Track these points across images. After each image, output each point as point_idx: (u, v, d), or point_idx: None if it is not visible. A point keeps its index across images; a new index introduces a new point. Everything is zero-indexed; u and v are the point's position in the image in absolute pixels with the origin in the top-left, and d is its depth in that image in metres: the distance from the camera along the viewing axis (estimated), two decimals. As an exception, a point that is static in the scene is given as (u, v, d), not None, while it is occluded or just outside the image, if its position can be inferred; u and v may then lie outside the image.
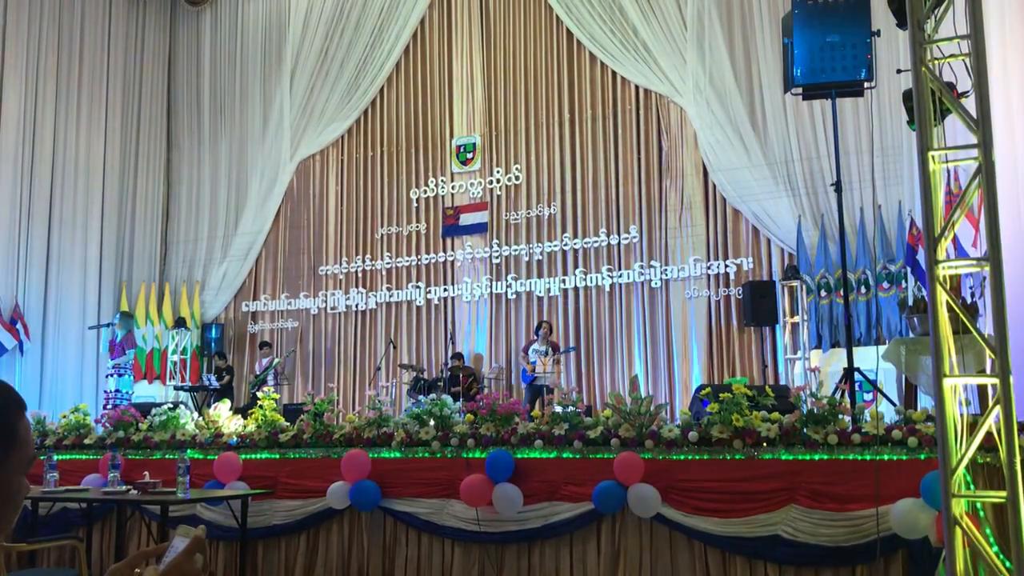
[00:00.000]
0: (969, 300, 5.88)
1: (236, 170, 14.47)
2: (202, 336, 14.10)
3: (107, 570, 1.53)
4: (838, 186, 6.83)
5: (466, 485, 5.68)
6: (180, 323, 13.79)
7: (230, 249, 14.29)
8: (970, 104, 3.93)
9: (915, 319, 5.90)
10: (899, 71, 6.79)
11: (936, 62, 4.12)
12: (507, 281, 12.54)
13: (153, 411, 7.56)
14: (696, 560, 5.23)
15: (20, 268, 12.54)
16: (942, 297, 3.85)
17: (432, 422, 6.23)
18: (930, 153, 3.94)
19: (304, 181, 14.17)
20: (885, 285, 9.88)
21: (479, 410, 6.10)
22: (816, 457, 5.03)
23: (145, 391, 12.75)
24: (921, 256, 8.54)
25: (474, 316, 12.73)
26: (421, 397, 9.98)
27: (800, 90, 6.86)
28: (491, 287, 12.62)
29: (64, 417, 7.87)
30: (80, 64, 13.63)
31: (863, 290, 10.04)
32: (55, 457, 6.38)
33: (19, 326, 12.20)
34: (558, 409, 5.98)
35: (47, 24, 13.18)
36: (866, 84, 6.67)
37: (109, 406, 10.75)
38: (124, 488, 5.91)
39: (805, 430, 5.09)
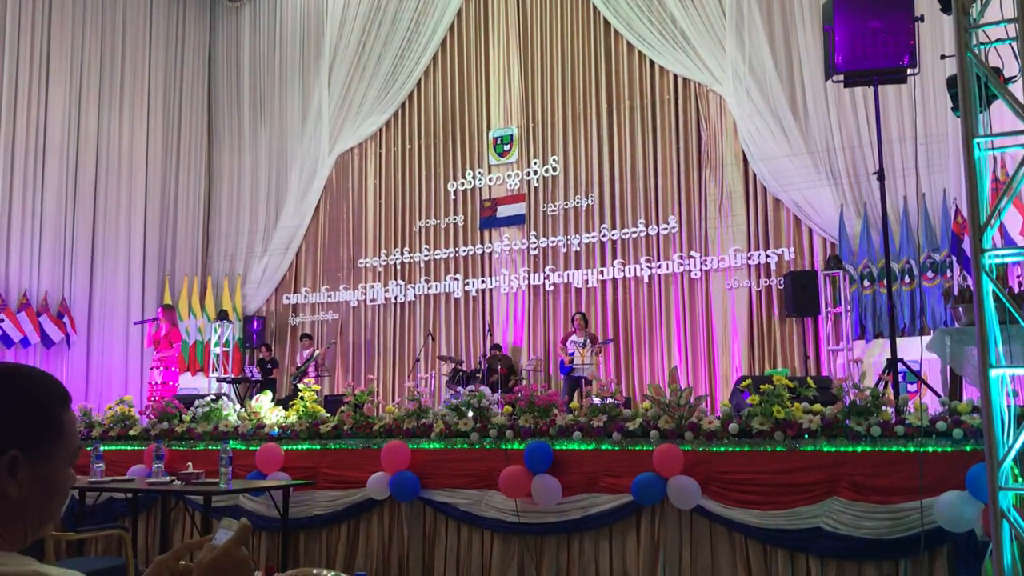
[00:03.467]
0: (1016, 289, 5.77)
1: (276, 164, 14.62)
2: (244, 329, 14.27)
3: (152, 560, 1.55)
4: (881, 174, 6.71)
5: (505, 476, 5.70)
6: (222, 316, 13.96)
7: (271, 242, 14.45)
8: (1017, 89, 3.85)
9: (960, 309, 5.80)
10: (943, 56, 6.64)
11: (982, 47, 4.04)
12: (545, 273, 12.52)
13: (196, 403, 7.68)
14: (737, 552, 5.20)
15: (66, 262, 12.80)
16: (988, 286, 3.78)
17: (471, 413, 6.25)
18: (975, 140, 3.87)
19: (343, 175, 14.27)
20: (929, 275, 9.71)
21: (517, 401, 6.12)
22: (859, 449, 4.97)
23: (188, 383, 12.93)
24: (967, 245, 8.39)
25: (512, 308, 12.73)
26: (460, 388, 10.02)
27: (841, 77, 6.75)
28: (529, 279, 12.62)
29: (109, 409, 8.03)
30: (122, 60, 13.85)
31: (907, 280, 9.87)
32: (101, 448, 6.50)
33: (65, 319, 12.44)
34: (596, 401, 5.98)
35: (90, 21, 13.40)
36: (909, 70, 6.54)
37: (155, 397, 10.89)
38: (168, 479, 6.00)
39: (848, 422, 5.03)
